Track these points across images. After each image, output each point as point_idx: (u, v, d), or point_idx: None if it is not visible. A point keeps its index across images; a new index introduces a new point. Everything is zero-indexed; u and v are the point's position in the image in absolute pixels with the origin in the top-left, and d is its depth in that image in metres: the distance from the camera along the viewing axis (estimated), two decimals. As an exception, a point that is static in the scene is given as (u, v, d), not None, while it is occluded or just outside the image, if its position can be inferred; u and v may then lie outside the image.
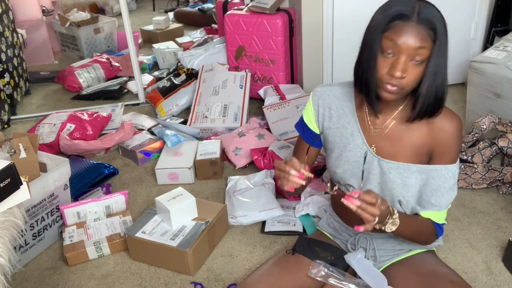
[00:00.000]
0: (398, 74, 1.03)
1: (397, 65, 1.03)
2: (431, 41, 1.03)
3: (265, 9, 2.75)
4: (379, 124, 1.21)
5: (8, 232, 1.06)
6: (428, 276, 1.21)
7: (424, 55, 1.03)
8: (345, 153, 1.25)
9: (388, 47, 1.04)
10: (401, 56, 1.03)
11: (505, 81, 2.15)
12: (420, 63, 1.04)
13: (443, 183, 1.17)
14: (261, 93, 2.87)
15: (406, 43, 1.01)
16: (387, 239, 1.32)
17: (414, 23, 1.01)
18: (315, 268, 1.26)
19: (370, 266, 1.26)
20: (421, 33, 1.01)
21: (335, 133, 1.27)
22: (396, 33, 1.02)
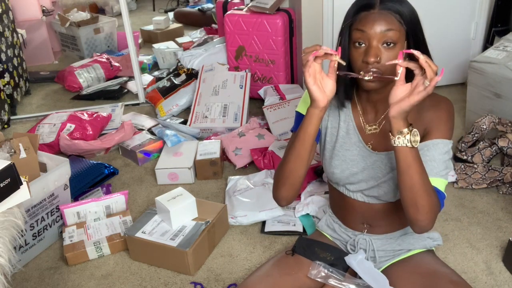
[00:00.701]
0: (372, 59, 1.06)
1: (368, 51, 1.07)
2: (398, 23, 1.07)
3: (265, 9, 2.75)
4: (373, 121, 1.23)
5: (8, 232, 1.06)
6: (428, 276, 1.21)
7: (395, 37, 1.07)
8: (341, 152, 1.26)
9: (358, 38, 1.08)
10: (371, 42, 1.07)
11: (505, 81, 2.15)
12: (393, 45, 1.07)
13: (438, 156, 1.14)
14: (261, 93, 2.87)
15: (372, 29, 1.06)
16: (386, 240, 1.32)
17: (377, 10, 1.08)
18: (315, 269, 1.26)
19: (371, 267, 1.26)
20: (386, 16, 1.06)
21: (332, 132, 1.28)
22: (362, 22, 1.08)
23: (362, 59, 1.08)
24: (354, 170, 1.25)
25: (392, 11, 1.07)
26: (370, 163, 1.23)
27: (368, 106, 1.23)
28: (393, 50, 1.07)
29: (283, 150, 2.20)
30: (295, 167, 1.21)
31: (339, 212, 1.40)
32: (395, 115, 1.03)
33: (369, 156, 1.23)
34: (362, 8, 1.10)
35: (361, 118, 1.24)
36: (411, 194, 1.08)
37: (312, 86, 1.10)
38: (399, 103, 1.02)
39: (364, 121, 1.24)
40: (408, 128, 1.04)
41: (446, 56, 2.89)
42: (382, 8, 1.08)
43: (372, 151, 1.22)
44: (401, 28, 1.08)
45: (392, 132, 1.06)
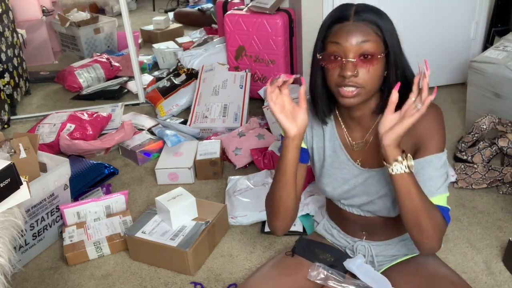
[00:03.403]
0: (348, 73, 1.02)
1: (345, 64, 1.03)
2: (375, 34, 1.04)
3: (265, 9, 2.75)
4: (359, 139, 1.19)
5: (8, 232, 1.06)
6: (428, 277, 1.20)
7: (371, 48, 1.03)
8: (331, 171, 1.24)
9: (334, 51, 1.04)
10: (347, 55, 1.03)
11: (505, 81, 2.15)
12: (370, 57, 1.03)
13: (434, 172, 1.10)
14: (261, 93, 2.87)
15: (348, 41, 1.02)
16: (385, 246, 1.30)
17: (352, 21, 1.03)
18: (315, 271, 1.25)
19: (371, 270, 1.25)
20: (361, 28, 1.03)
21: (319, 152, 1.26)
22: (336, 35, 1.04)
23: (339, 73, 1.04)
24: (346, 187, 1.23)
25: (367, 22, 1.03)
26: (362, 180, 1.20)
27: (352, 123, 1.19)
28: (371, 62, 1.03)
29: (283, 150, 2.20)
30: (284, 195, 1.20)
31: (336, 220, 1.38)
32: (389, 143, 1.01)
33: (360, 173, 1.20)
34: (337, 21, 1.06)
35: (346, 136, 1.21)
36: (414, 218, 1.07)
37: (278, 115, 1.11)
38: (392, 129, 1.00)
39: (350, 138, 1.21)
40: (402, 154, 1.03)
41: (446, 56, 2.89)
42: (357, 20, 1.03)
43: (362, 168, 1.20)
44: (378, 39, 1.04)
45: (388, 161, 1.03)
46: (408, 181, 1.04)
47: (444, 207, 1.13)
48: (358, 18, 1.03)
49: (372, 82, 1.05)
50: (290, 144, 1.13)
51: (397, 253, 1.30)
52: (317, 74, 1.12)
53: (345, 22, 1.04)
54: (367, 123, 1.17)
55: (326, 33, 1.07)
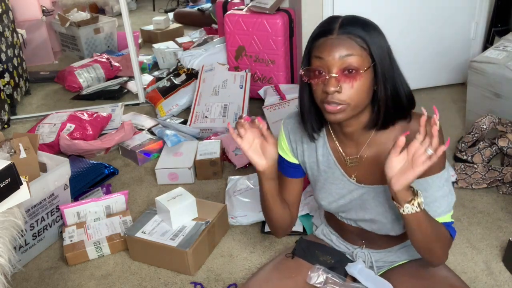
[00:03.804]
0: (331, 89, 0.98)
1: (328, 80, 0.99)
2: (359, 47, 0.99)
3: (265, 9, 2.75)
4: (353, 154, 1.16)
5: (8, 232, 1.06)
6: (427, 280, 1.20)
7: (356, 63, 0.98)
8: (327, 186, 1.21)
9: (318, 66, 1.01)
10: (330, 69, 0.99)
11: (505, 81, 2.15)
12: (355, 72, 0.98)
13: (437, 192, 1.09)
14: (261, 93, 2.87)
15: (330, 55, 0.99)
16: (385, 253, 1.29)
17: (335, 35, 1.00)
18: (314, 273, 1.24)
19: (373, 275, 1.24)
20: (345, 41, 0.99)
21: (312, 167, 1.23)
22: (320, 49, 1.01)
23: (322, 88, 1.01)
24: (342, 202, 1.21)
25: (352, 35, 0.99)
26: (357, 195, 1.18)
27: (345, 138, 1.15)
28: (355, 78, 0.99)
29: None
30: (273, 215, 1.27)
31: (334, 228, 1.37)
32: (400, 188, 0.98)
33: (356, 189, 1.18)
34: (321, 34, 1.02)
35: (340, 151, 1.17)
36: (425, 245, 1.09)
37: (246, 151, 1.13)
38: (403, 176, 0.96)
39: (343, 154, 1.17)
40: (413, 195, 1.00)
41: (446, 56, 2.89)
42: (341, 33, 0.99)
43: (358, 184, 1.17)
44: (364, 53, 0.99)
45: (398, 203, 1.01)
46: (419, 216, 1.01)
47: (449, 222, 1.14)
48: (343, 32, 0.99)
49: (358, 98, 1.01)
50: (262, 177, 1.19)
51: (397, 259, 1.29)
52: (304, 89, 1.09)
53: (328, 35, 1.00)
54: (360, 138, 1.13)
55: (311, 47, 1.04)
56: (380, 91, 1.03)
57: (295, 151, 1.24)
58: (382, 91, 1.03)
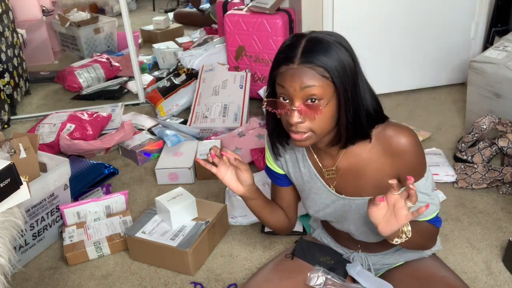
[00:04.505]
0: (293, 120, 0.98)
1: (290, 111, 0.99)
2: (321, 77, 0.96)
3: (265, 9, 2.75)
4: (330, 166, 1.16)
5: (8, 232, 1.06)
6: (425, 280, 1.20)
7: (319, 92, 0.96)
8: (311, 196, 1.23)
9: (281, 93, 1.00)
10: (293, 100, 0.98)
11: (505, 81, 2.15)
12: (318, 101, 0.97)
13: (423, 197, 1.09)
14: (261, 93, 2.87)
15: (292, 86, 0.97)
16: (382, 256, 1.29)
17: (296, 65, 0.97)
18: (314, 275, 1.24)
19: (372, 276, 1.24)
20: (306, 72, 0.96)
21: (297, 177, 1.25)
22: (282, 77, 0.99)
23: (286, 119, 1.01)
24: (327, 211, 1.22)
25: (313, 64, 0.96)
26: (340, 205, 1.19)
27: (320, 152, 1.16)
28: (317, 109, 0.97)
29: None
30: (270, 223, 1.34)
31: (330, 233, 1.38)
32: (388, 234, 0.99)
33: (337, 199, 1.19)
34: (281, 62, 0.99)
35: (318, 163, 1.18)
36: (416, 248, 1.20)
37: (222, 179, 1.22)
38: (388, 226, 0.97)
39: (321, 166, 1.18)
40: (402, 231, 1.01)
41: (446, 56, 2.89)
42: (302, 62, 0.96)
43: (338, 194, 1.18)
44: (326, 82, 0.97)
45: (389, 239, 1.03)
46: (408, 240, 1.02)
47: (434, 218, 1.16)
48: (303, 61, 0.96)
49: (323, 126, 1.01)
50: (243, 199, 1.29)
51: (394, 262, 1.30)
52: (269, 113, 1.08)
53: (290, 64, 0.97)
54: (333, 152, 1.13)
55: (274, 72, 1.02)
56: (341, 118, 1.02)
57: (279, 163, 1.27)
58: (343, 118, 1.02)
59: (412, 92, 2.94)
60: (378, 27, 2.73)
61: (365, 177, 1.12)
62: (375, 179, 1.11)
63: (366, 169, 1.11)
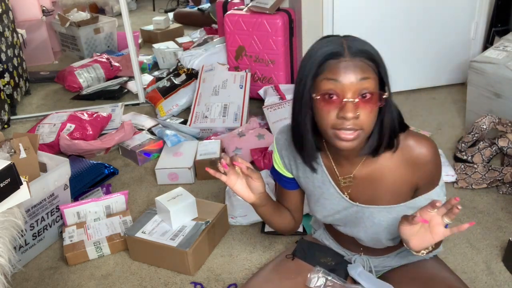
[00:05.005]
0: (350, 115, 0.91)
1: (345, 105, 0.92)
2: (372, 70, 0.94)
3: (265, 9, 2.75)
4: (347, 173, 1.12)
5: (8, 232, 1.06)
6: (426, 281, 1.19)
7: (371, 86, 0.93)
8: (321, 201, 1.19)
9: (330, 88, 0.93)
10: (345, 94, 0.92)
11: (505, 81, 2.15)
12: (370, 97, 0.93)
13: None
14: (261, 93, 2.87)
15: (346, 78, 0.92)
16: (384, 259, 1.29)
17: (348, 57, 0.93)
18: (314, 276, 1.23)
19: (373, 277, 1.23)
20: (359, 64, 0.93)
21: (307, 182, 1.20)
22: (333, 72, 0.93)
23: (338, 114, 0.93)
24: (337, 217, 1.19)
25: (364, 57, 0.93)
26: (353, 212, 1.16)
27: (340, 158, 1.11)
28: (373, 102, 0.94)
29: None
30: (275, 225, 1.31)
31: (332, 235, 1.36)
32: (418, 250, 0.98)
33: (350, 206, 1.16)
34: (329, 56, 0.94)
35: (334, 170, 1.14)
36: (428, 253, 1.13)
37: (233, 187, 1.17)
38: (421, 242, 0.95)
39: (338, 173, 1.13)
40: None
41: (446, 56, 2.89)
42: (354, 55, 0.93)
43: (352, 202, 1.15)
44: (376, 76, 0.94)
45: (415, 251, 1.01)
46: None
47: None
48: (355, 54, 0.93)
49: (372, 124, 0.96)
50: (253, 207, 1.24)
51: (396, 264, 1.29)
52: (306, 115, 1.01)
53: (340, 58, 0.93)
54: (355, 158, 1.09)
55: (318, 69, 0.95)
56: (386, 116, 0.99)
57: (288, 166, 1.22)
58: (389, 117, 0.99)
59: (412, 92, 2.94)
60: (378, 27, 2.73)
61: (382, 185, 1.09)
62: (393, 187, 1.09)
63: (385, 177, 1.09)
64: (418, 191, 1.10)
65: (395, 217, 1.11)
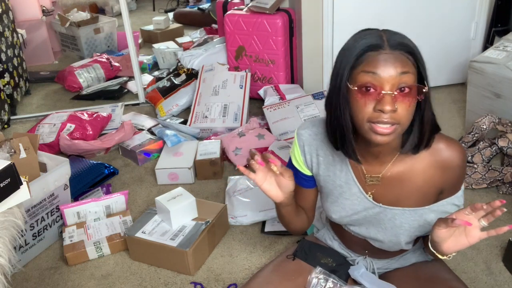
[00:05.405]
0: (388, 108, 0.90)
1: (383, 98, 0.91)
2: (412, 64, 0.93)
3: (265, 9, 2.75)
4: (375, 172, 1.10)
5: (8, 232, 1.06)
6: (426, 281, 1.19)
7: (410, 81, 0.92)
8: (340, 200, 1.16)
9: (368, 81, 0.92)
10: (384, 87, 0.91)
11: (505, 81, 2.15)
12: (408, 91, 0.92)
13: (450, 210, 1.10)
14: (261, 93, 2.87)
15: (387, 72, 0.91)
16: (387, 261, 1.28)
17: (388, 50, 0.92)
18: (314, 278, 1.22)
19: (376, 278, 1.23)
20: (399, 58, 0.92)
21: (327, 180, 1.18)
22: (373, 64, 0.92)
23: (375, 107, 0.92)
24: (355, 217, 1.17)
25: (404, 51, 0.93)
26: (373, 213, 1.14)
27: (369, 156, 1.09)
28: (409, 96, 0.92)
29: (283, 150, 2.20)
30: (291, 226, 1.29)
31: (338, 235, 1.34)
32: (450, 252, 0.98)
33: (372, 207, 1.14)
34: (369, 49, 0.93)
35: (361, 168, 1.12)
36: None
37: (261, 185, 1.12)
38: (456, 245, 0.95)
39: (364, 171, 1.11)
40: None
41: (446, 56, 2.89)
42: (394, 48, 0.92)
43: (375, 202, 1.13)
44: (415, 71, 0.94)
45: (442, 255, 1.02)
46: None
47: None
48: (395, 47, 0.92)
49: (409, 119, 0.94)
50: (279, 205, 1.20)
51: (398, 266, 1.29)
52: (346, 107, 0.98)
53: (380, 50, 0.92)
54: (385, 158, 1.08)
55: (357, 61, 0.94)
56: (426, 113, 0.97)
57: (309, 163, 1.19)
58: (428, 113, 0.97)
59: (412, 92, 2.94)
60: (378, 27, 2.72)
61: (410, 186, 1.08)
62: (420, 190, 1.08)
63: (413, 179, 1.07)
64: (441, 195, 1.10)
65: (417, 219, 1.11)
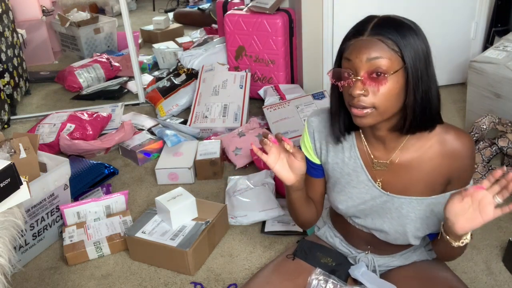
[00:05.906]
0: (356, 92, 0.95)
1: (354, 83, 0.96)
2: (390, 50, 0.95)
3: (265, 9, 2.75)
4: (383, 159, 1.11)
5: (8, 232, 1.06)
6: (426, 281, 1.19)
7: (385, 66, 0.94)
8: (347, 189, 1.17)
9: (346, 67, 0.98)
10: (357, 72, 0.96)
11: (505, 81, 2.15)
12: (383, 75, 0.94)
13: None
14: (261, 93, 2.87)
15: (358, 57, 0.95)
16: (389, 258, 1.28)
17: (365, 37, 0.96)
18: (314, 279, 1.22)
19: (376, 278, 1.23)
20: (374, 43, 0.95)
21: (335, 168, 1.19)
22: (349, 50, 0.98)
23: (348, 91, 0.98)
24: (361, 207, 1.17)
25: (382, 36, 0.95)
26: (380, 202, 1.14)
27: (375, 142, 1.11)
28: (382, 81, 0.95)
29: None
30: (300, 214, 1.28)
31: (341, 231, 1.34)
32: (463, 232, 0.99)
33: (380, 196, 1.14)
34: (351, 35, 0.99)
35: (368, 154, 1.13)
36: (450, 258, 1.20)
37: (273, 167, 1.13)
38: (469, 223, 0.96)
39: (372, 157, 1.13)
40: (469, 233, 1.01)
41: (446, 56, 2.89)
42: (372, 34, 0.96)
43: (383, 191, 1.13)
44: (394, 56, 0.95)
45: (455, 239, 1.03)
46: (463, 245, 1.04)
47: None
48: (374, 33, 0.96)
49: (386, 103, 0.97)
50: (290, 189, 1.20)
51: (400, 264, 1.29)
52: (333, 90, 1.07)
53: (359, 37, 0.97)
54: (391, 143, 1.09)
55: (342, 48, 1.01)
56: (408, 97, 0.98)
57: (318, 151, 1.21)
58: (411, 97, 0.98)
59: (412, 92, 2.94)
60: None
61: (418, 175, 1.09)
62: (427, 178, 1.09)
63: (422, 167, 1.08)
64: (448, 186, 1.10)
65: (423, 209, 1.11)
